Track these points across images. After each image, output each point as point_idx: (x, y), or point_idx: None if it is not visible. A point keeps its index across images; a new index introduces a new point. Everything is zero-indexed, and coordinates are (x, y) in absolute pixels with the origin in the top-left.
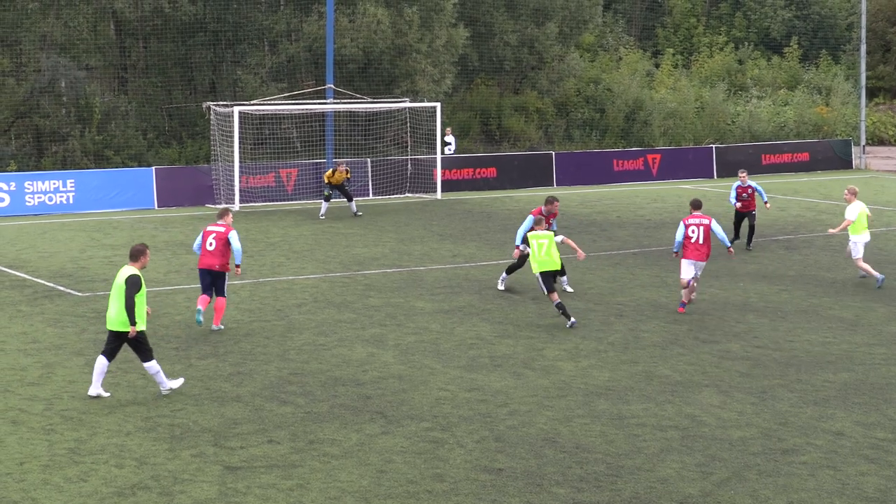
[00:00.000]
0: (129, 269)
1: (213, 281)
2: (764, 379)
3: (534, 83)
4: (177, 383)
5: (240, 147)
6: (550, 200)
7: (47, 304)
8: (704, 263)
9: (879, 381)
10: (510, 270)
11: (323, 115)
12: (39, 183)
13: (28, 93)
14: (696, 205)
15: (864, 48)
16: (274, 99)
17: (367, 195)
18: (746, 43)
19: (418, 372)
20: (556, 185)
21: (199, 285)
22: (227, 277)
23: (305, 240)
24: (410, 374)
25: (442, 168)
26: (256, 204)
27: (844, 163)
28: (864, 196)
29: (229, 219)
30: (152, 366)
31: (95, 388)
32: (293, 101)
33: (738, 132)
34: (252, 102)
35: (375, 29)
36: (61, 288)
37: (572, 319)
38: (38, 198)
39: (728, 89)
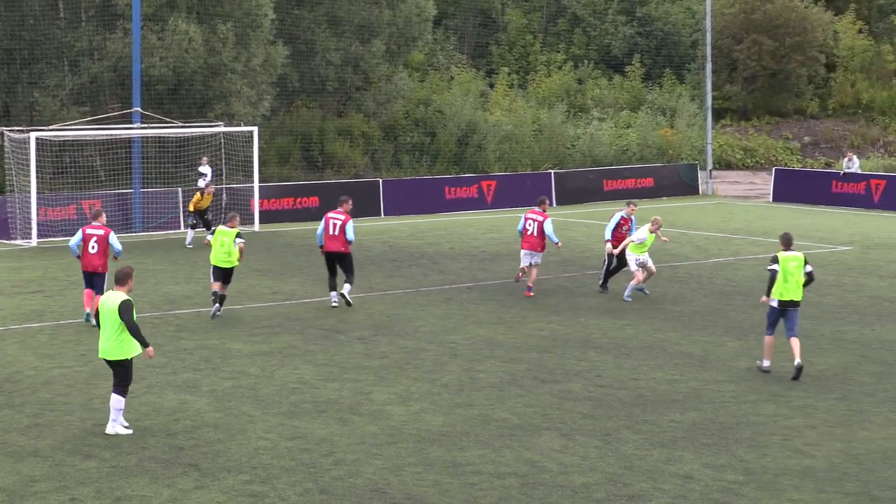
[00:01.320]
0: (118, 295)
1: (95, 281)
2: (608, 420)
3: (359, 105)
4: (123, 430)
5: (37, 176)
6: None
7: None
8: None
9: (729, 419)
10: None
11: (129, 140)
12: None
13: None
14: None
15: (709, 67)
16: (75, 123)
17: (178, 227)
18: (586, 61)
19: (235, 420)
20: (384, 214)
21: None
22: (106, 277)
23: (111, 277)
24: (227, 423)
25: (260, 197)
26: (57, 238)
27: (690, 188)
28: (711, 223)
29: (104, 219)
30: (121, 401)
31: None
32: (97, 126)
33: (579, 156)
34: (51, 127)
35: (187, 47)
36: None
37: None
38: None
39: (567, 111)
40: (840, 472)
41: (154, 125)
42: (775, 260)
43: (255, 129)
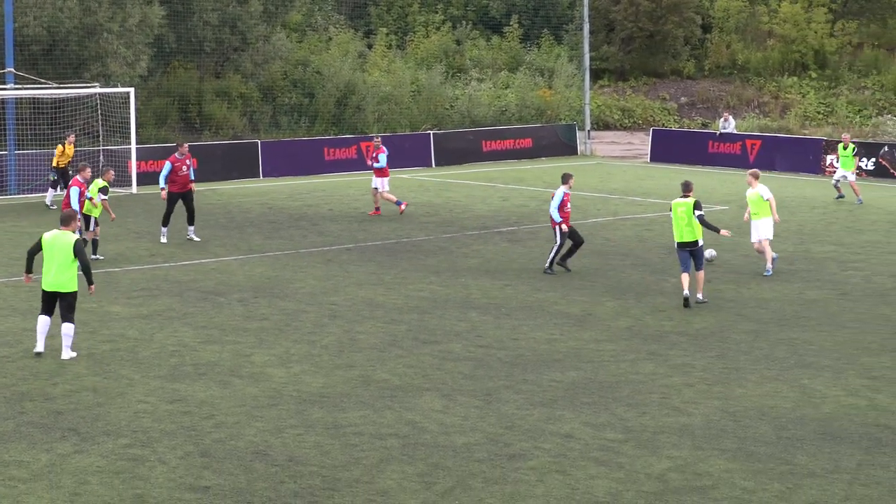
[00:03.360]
0: (69, 234)
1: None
2: (488, 380)
3: (237, 66)
4: (68, 354)
5: None
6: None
7: None
8: None
9: (608, 378)
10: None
11: (3, 102)
12: None
13: None
14: None
15: (587, 28)
16: None
17: (55, 189)
18: (464, 22)
19: (115, 383)
20: (263, 176)
21: None
22: None
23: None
24: (106, 387)
25: (137, 159)
26: None
27: (570, 148)
28: (589, 183)
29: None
30: (72, 327)
31: (41, 346)
32: None
33: (458, 117)
34: None
35: (61, 6)
36: None
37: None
38: None
39: (446, 72)
40: (717, 430)
41: (28, 86)
42: (671, 208)
43: (131, 90)
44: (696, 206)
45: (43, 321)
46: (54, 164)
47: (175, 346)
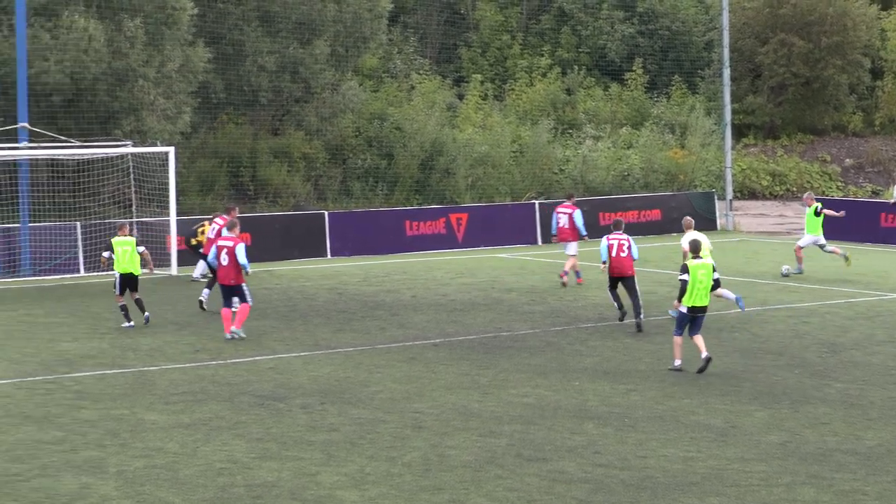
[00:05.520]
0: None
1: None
2: None
3: (299, 121)
4: None
5: None
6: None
7: None
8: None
9: None
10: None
11: (15, 164)
12: None
13: None
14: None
15: (727, 74)
16: None
17: (78, 271)
18: (577, 67)
19: None
20: (331, 254)
21: None
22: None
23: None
24: None
25: (178, 234)
26: None
27: (707, 222)
28: (731, 265)
29: (237, 230)
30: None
31: None
32: None
33: (569, 183)
34: None
35: (86, 48)
36: None
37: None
38: None
39: (554, 127)
40: None
41: (46, 145)
42: (685, 269)
43: (171, 149)
44: (714, 268)
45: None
46: (196, 241)
47: (224, 463)
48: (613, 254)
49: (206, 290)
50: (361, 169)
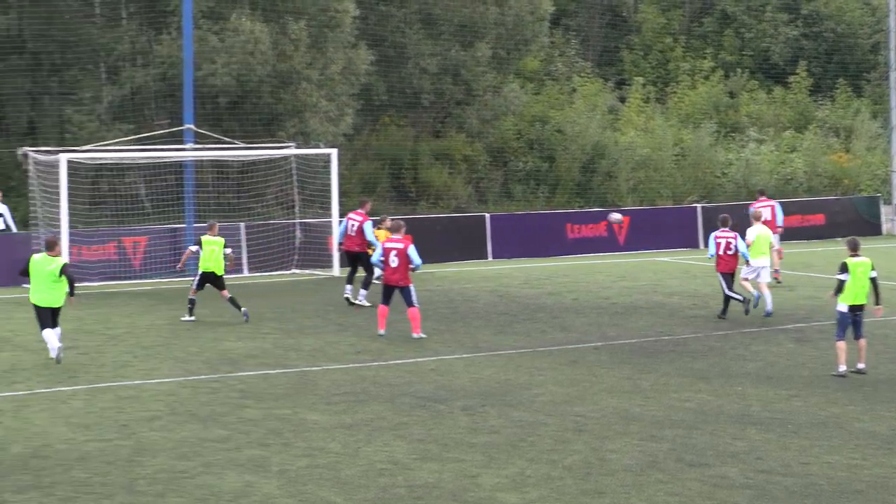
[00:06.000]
0: (58, 259)
1: (393, 294)
2: None
3: (460, 123)
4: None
5: (69, 208)
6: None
7: None
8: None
9: None
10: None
11: (181, 165)
12: None
13: None
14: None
15: (894, 76)
16: (115, 143)
17: (241, 272)
18: (739, 70)
19: None
20: (492, 257)
21: None
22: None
23: (159, 331)
24: None
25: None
26: (92, 284)
27: (871, 227)
28: (892, 272)
29: (403, 232)
30: (57, 331)
31: (54, 350)
32: (141, 147)
33: (731, 187)
34: (85, 148)
35: (252, 50)
36: None
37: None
38: None
39: (717, 131)
40: None
41: (211, 146)
42: (845, 268)
43: (334, 151)
44: (873, 266)
45: (48, 334)
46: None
47: (385, 464)
48: (721, 251)
49: (362, 290)
50: (523, 171)
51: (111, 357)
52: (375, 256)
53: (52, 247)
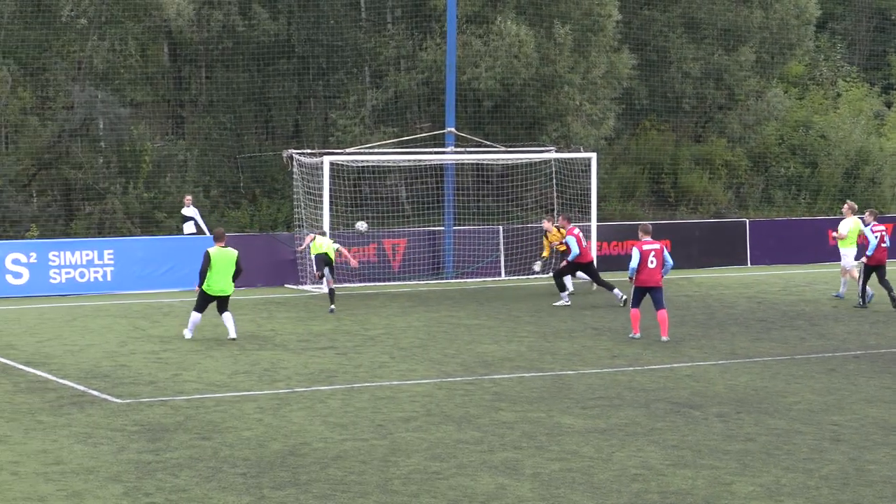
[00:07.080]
0: (231, 249)
1: (650, 295)
2: None
3: (722, 128)
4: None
5: (331, 209)
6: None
7: (76, 414)
8: None
9: None
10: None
11: (441, 168)
12: (68, 254)
13: (55, 136)
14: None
15: None
16: (377, 146)
17: (499, 274)
18: None
19: None
20: (751, 263)
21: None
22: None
23: (416, 332)
24: None
25: (598, 239)
26: (352, 285)
27: None
28: None
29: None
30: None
31: (190, 333)
32: (402, 150)
33: None
34: (348, 150)
35: (517, 53)
36: (94, 392)
37: None
38: (67, 273)
39: None
40: None
41: (471, 149)
42: None
43: (593, 155)
44: None
45: (194, 316)
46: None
47: (638, 469)
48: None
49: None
50: (784, 177)
51: (368, 358)
52: (634, 261)
53: (221, 238)
